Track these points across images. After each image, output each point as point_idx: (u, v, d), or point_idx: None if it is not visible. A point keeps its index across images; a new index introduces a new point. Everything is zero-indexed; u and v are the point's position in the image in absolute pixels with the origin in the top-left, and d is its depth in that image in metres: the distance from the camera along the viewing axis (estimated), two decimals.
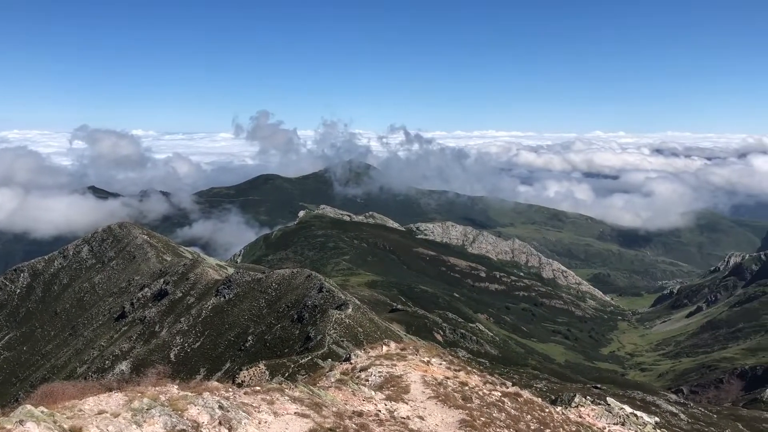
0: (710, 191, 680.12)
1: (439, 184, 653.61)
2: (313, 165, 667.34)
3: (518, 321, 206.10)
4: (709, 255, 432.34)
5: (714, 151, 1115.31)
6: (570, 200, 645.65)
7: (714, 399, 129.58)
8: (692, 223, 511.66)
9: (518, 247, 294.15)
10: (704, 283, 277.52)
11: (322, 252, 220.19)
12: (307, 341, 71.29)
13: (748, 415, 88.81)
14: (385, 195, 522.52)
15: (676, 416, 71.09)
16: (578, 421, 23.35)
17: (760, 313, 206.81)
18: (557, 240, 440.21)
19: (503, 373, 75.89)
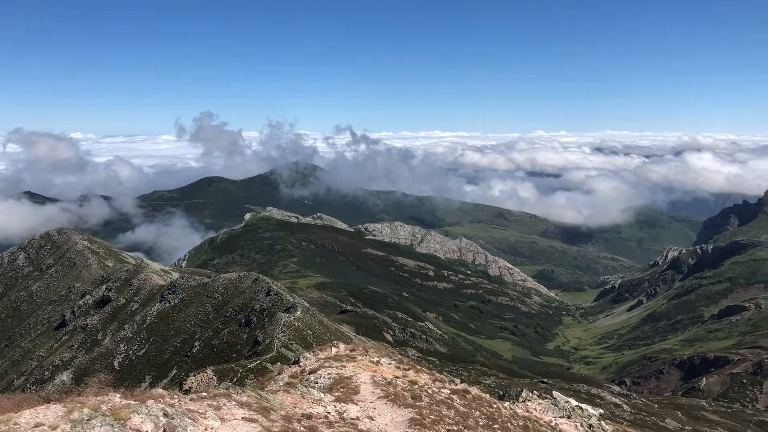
0: (649, 188, 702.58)
1: (387, 184, 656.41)
2: (259, 167, 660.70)
3: (466, 318, 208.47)
4: (649, 250, 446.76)
5: (652, 149, 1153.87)
6: (514, 199, 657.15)
7: (655, 389, 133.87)
8: (632, 219, 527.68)
9: (465, 246, 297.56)
10: (644, 278, 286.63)
11: (270, 255, 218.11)
12: (256, 345, 70.43)
13: (687, 404, 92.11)
14: (333, 196, 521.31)
15: (619, 407, 73.07)
16: (526, 415, 23.72)
17: (697, 305, 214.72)
18: (503, 238, 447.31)
19: (452, 371, 76.60)
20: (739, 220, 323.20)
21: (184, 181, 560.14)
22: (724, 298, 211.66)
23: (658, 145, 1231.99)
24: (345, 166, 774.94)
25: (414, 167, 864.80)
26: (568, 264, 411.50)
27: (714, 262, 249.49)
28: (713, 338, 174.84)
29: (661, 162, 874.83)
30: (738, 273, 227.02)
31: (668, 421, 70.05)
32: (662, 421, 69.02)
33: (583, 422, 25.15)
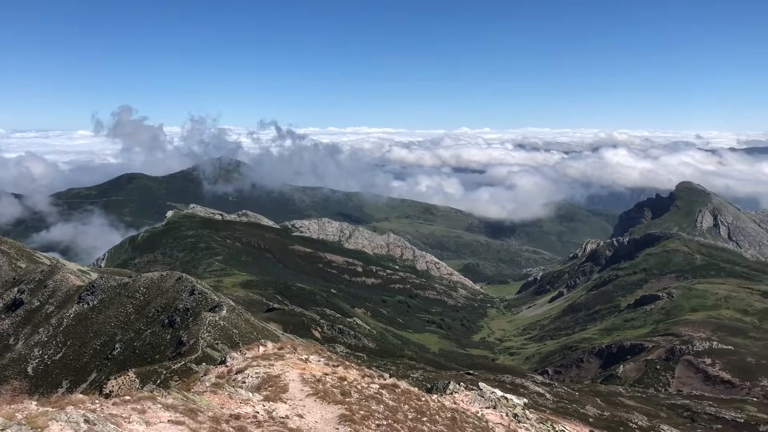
0: (568, 183, 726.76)
1: (314, 180, 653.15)
2: (181, 163, 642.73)
3: (394, 313, 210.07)
4: (568, 243, 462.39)
5: (570, 145, 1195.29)
6: (441, 194, 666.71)
7: (576, 377, 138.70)
8: (552, 213, 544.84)
9: (393, 241, 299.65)
10: (564, 270, 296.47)
11: (193, 253, 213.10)
12: (180, 346, 68.75)
13: (606, 390, 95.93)
14: (258, 192, 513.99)
15: (542, 396, 75.38)
16: (453, 407, 24.14)
17: (614, 296, 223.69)
18: (430, 233, 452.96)
19: (381, 366, 77.10)
20: (652, 213, 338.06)
21: (102, 178, 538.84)
22: (639, 288, 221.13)
23: (577, 142, 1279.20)
24: (270, 161, 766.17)
25: (341, 163, 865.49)
26: (493, 257, 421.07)
27: (630, 254, 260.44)
28: (629, 327, 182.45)
29: (579, 158, 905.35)
30: (652, 264, 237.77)
31: (588, 407, 72.80)
32: (583, 408, 71.67)
33: (509, 412, 25.82)
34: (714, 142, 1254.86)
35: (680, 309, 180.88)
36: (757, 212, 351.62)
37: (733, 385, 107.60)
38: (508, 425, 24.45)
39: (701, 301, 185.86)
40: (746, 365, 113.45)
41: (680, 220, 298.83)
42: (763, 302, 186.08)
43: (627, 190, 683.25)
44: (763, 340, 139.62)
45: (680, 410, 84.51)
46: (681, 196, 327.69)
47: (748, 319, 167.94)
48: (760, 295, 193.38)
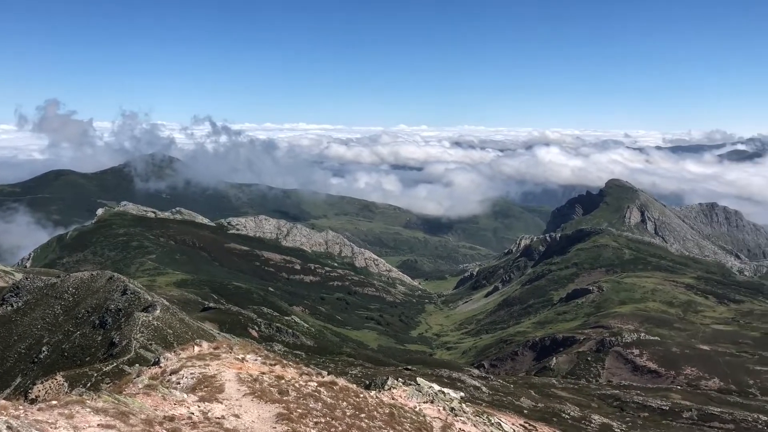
0: (503, 180, 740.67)
1: (250, 177, 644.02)
2: (112, 159, 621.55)
3: (333, 311, 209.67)
4: (504, 238, 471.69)
5: (505, 143, 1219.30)
6: (379, 191, 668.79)
7: (511, 370, 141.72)
8: (488, 210, 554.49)
9: (332, 239, 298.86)
10: (500, 265, 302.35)
11: (125, 252, 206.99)
12: (112, 347, 66.76)
13: (539, 382, 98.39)
14: (193, 189, 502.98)
15: (479, 389, 76.72)
16: (391, 402, 24.27)
17: (547, 290, 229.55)
18: (368, 230, 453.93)
19: (319, 363, 76.81)
20: (583, 209, 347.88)
21: (27, 175, 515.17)
22: (571, 282, 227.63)
23: (511, 140, 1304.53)
24: (205, 158, 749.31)
25: (278, 160, 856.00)
26: (431, 254, 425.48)
27: (562, 249, 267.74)
28: (562, 320, 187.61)
29: (514, 156, 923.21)
30: (583, 258, 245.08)
31: (523, 399, 74.53)
32: (518, 401, 73.32)
33: (446, 406, 26.14)
34: (641, 140, 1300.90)
35: (610, 302, 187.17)
36: (681, 208, 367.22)
37: (659, 374, 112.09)
38: (446, 419, 24.75)
39: (629, 294, 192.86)
40: (671, 355, 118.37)
41: (610, 216, 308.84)
42: (686, 294, 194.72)
43: (559, 187, 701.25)
44: (686, 331, 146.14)
45: (610, 400, 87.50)
46: (610, 192, 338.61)
47: (672, 310, 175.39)
48: (684, 287, 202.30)
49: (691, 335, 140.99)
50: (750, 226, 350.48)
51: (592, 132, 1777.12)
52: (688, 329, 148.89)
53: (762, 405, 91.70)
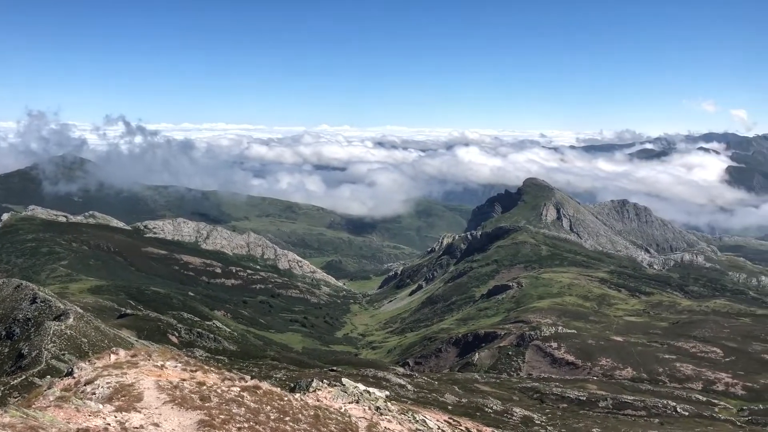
0: (425, 180, 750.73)
1: (168, 178, 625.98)
2: (18, 161, 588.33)
3: (256, 314, 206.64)
4: (427, 237, 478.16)
5: (427, 144, 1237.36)
6: (302, 192, 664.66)
7: (435, 367, 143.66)
8: (411, 209, 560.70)
9: (254, 241, 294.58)
10: (423, 263, 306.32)
11: (34, 258, 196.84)
12: (20, 359, 63.42)
13: (463, 378, 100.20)
14: (107, 192, 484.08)
15: (404, 387, 77.34)
16: (316, 404, 24.11)
17: (469, 287, 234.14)
18: (291, 231, 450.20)
19: (242, 368, 75.53)
20: (502, 207, 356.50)
21: None
22: (492, 278, 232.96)
23: (433, 140, 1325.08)
24: (119, 159, 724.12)
25: (197, 160, 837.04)
26: (355, 254, 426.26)
27: (482, 247, 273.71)
28: (483, 316, 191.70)
29: (435, 156, 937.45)
30: (503, 255, 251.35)
31: (447, 395, 75.67)
32: (442, 397, 74.38)
33: (371, 405, 26.19)
34: (556, 140, 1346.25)
35: (529, 297, 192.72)
36: (594, 205, 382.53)
37: (576, 366, 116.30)
38: (371, 418, 24.80)
39: (547, 289, 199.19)
40: (587, 347, 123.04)
41: (527, 213, 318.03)
42: (601, 288, 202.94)
43: (480, 186, 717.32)
44: (601, 323, 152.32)
45: (531, 392, 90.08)
46: (528, 191, 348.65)
47: (588, 304, 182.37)
48: (598, 281, 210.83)
49: (605, 327, 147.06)
50: (658, 221, 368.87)
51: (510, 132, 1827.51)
52: (602, 322, 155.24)
53: (671, 391, 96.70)
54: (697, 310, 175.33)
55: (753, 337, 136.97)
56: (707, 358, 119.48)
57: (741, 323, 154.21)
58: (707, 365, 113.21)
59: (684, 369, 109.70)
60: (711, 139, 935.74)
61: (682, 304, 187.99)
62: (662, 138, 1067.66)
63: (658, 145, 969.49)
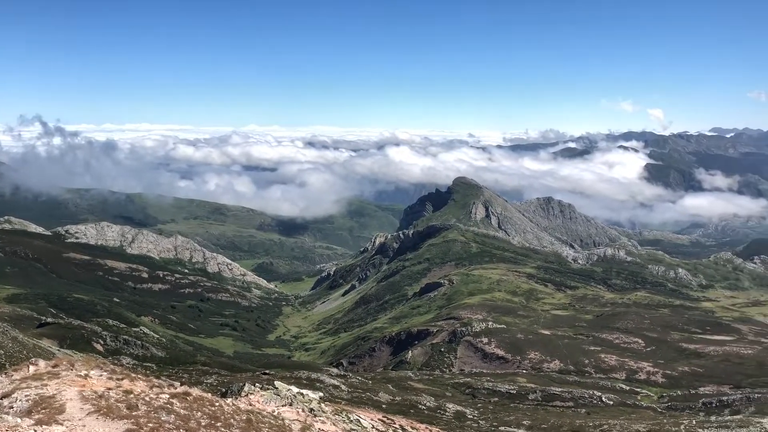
0: (357, 180, 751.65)
1: (90, 181, 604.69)
2: None
3: (185, 319, 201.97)
4: (359, 237, 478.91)
5: (358, 144, 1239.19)
6: (231, 193, 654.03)
7: (369, 366, 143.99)
8: (343, 209, 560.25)
9: (181, 244, 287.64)
10: (356, 263, 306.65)
11: None
12: None
13: (396, 376, 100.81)
14: (24, 196, 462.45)
15: (338, 388, 77.14)
16: (249, 408, 23.76)
17: (402, 285, 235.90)
18: (221, 233, 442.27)
19: (172, 375, 73.62)
20: (433, 206, 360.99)
21: None
22: (424, 276, 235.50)
23: (364, 140, 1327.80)
24: (37, 161, 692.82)
25: (120, 162, 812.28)
26: (287, 255, 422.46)
27: (414, 245, 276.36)
28: (416, 314, 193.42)
29: (366, 156, 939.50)
30: (434, 254, 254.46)
31: (381, 394, 75.94)
32: (376, 396, 74.59)
33: (305, 407, 26.03)
34: (484, 140, 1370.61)
35: (460, 294, 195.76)
36: (521, 203, 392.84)
37: (507, 360, 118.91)
38: (305, 420, 24.63)
39: (477, 285, 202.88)
40: (516, 341, 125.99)
41: (457, 212, 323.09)
42: (528, 283, 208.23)
43: (411, 186, 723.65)
44: (529, 318, 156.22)
45: (463, 388, 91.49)
46: (457, 190, 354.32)
47: (516, 299, 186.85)
48: (526, 277, 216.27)
49: (533, 321, 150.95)
50: (582, 218, 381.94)
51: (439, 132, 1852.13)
52: (530, 316, 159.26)
53: (596, 381, 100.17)
54: (620, 303, 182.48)
55: (671, 327, 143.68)
56: (630, 348, 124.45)
57: (660, 314, 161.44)
58: (630, 355, 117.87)
59: (608, 360, 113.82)
60: (630, 138, 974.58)
61: (606, 297, 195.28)
62: (584, 137, 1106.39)
63: (580, 144, 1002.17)
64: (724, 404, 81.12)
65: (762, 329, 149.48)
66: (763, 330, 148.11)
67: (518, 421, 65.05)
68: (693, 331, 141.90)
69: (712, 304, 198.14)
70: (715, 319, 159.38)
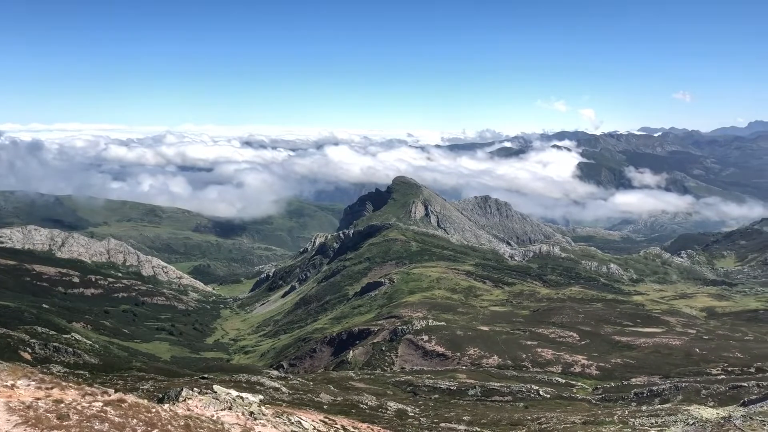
0: (296, 180, 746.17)
1: (15, 183, 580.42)
2: None
3: (119, 324, 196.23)
4: (299, 238, 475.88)
5: (296, 143, 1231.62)
6: (166, 194, 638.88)
7: (310, 367, 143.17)
8: (282, 209, 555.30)
9: (114, 247, 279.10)
10: (296, 264, 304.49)
11: None
12: None
13: (338, 376, 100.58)
14: None
15: (278, 390, 76.38)
16: (187, 414, 23.27)
17: (342, 285, 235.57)
18: (156, 236, 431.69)
19: (106, 382, 71.37)
20: (373, 206, 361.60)
21: None
22: (365, 276, 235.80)
23: (303, 140, 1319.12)
24: None
25: (48, 163, 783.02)
26: (224, 257, 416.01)
27: (355, 245, 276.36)
28: (357, 313, 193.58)
29: (305, 155, 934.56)
30: (375, 253, 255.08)
31: (323, 395, 75.63)
32: (317, 397, 74.23)
33: (245, 411, 25.67)
34: (423, 140, 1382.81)
35: (400, 293, 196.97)
36: (459, 201, 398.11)
37: (447, 357, 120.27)
38: (245, 424, 24.29)
39: (418, 283, 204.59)
40: (456, 338, 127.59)
41: (397, 211, 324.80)
42: (467, 281, 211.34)
43: (351, 185, 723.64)
44: (468, 314, 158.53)
45: (404, 386, 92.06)
46: (397, 189, 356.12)
47: (456, 296, 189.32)
48: (465, 274, 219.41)
49: (472, 318, 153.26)
50: (518, 215, 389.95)
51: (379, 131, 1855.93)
52: (469, 313, 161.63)
53: (534, 376, 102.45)
54: (555, 298, 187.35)
55: (604, 321, 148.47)
56: (565, 342, 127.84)
57: (594, 308, 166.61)
58: (565, 349, 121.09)
59: (545, 354, 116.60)
60: (563, 138, 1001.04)
61: (542, 292, 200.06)
62: (520, 137, 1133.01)
63: (516, 144, 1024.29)
64: (655, 394, 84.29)
65: (689, 320, 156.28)
66: (690, 321, 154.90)
67: (458, 417, 65.89)
68: (625, 324, 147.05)
69: (642, 297, 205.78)
70: (645, 312, 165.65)
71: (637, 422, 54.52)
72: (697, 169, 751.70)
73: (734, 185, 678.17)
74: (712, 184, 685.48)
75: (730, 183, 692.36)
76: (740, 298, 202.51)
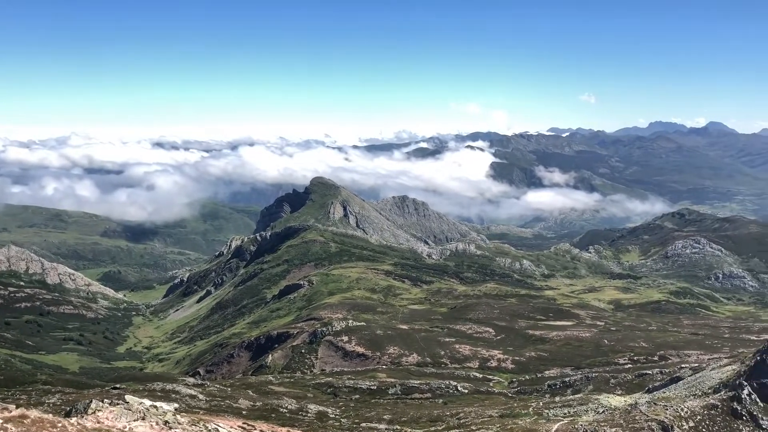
0: (210, 182, 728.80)
1: None
2: None
3: (22, 335, 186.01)
4: (214, 241, 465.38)
5: (210, 144, 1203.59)
6: (72, 198, 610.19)
7: (228, 373, 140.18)
8: (196, 212, 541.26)
9: (16, 254, 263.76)
10: (211, 268, 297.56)
11: None
12: None
13: (257, 381, 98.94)
14: None
15: (195, 398, 74.32)
16: (96, 427, 22.17)
17: (260, 289, 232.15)
18: (61, 241, 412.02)
19: (7, 397, 67.38)
20: (291, 207, 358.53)
21: None
22: (283, 278, 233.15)
23: (217, 141, 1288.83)
24: None
25: None
26: (136, 263, 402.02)
27: (273, 247, 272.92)
28: (276, 317, 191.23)
29: (219, 156, 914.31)
30: (293, 255, 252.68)
31: (241, 401, 74.16)
32: (236, 403, 72.72)
33: (159, 420, 24.73)
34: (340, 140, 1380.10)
35: (320, 294, 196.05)
36: (377, 202, 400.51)
37: (367, 357, 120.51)
38: None
39: (337, 284, 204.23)
40: (376, 337, 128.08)
41: (316, 212, 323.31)
42: (386, 280, 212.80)
43: (268, 187, 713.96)
44: (388, 314, 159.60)
45: (325, 388, 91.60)
46: (315, 190, 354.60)
47: (375, 296, 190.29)
48: (384, 274, 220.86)
49: (392, 317, 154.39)
50: (435, 214, 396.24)
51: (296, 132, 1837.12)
52: (389, 312, 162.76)
53: (452, 372, 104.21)
54: (472, 295, 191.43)
55: (519, 316, 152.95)
56: (482, 338, 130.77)
57: (508, 303, 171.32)
58: (482, 344, 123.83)
59: (462, 350, 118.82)
60: (477, 138, 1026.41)
61: (459, 289, 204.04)
62: (435, 137, 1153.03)
63: (431, 144, 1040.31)
64: (567, 385, 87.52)
65: (597, 313, 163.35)
66: (599, 314, 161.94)
67: (379, 416, 66.15)
68: (538, 318, 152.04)
69: (553, 292, 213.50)
70: (556, 306, 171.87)
71: (551, 413, 56.40)
72: (603, 167, 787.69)
73: (637, 183, 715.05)
74: (617, 182, 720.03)
75: (634, 181, 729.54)
76: (644, 290, 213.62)
